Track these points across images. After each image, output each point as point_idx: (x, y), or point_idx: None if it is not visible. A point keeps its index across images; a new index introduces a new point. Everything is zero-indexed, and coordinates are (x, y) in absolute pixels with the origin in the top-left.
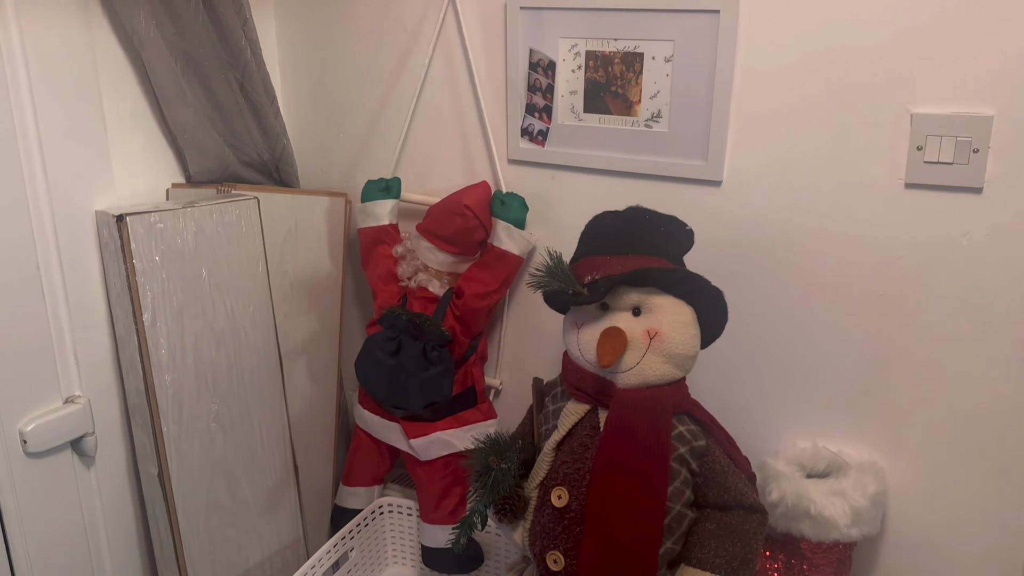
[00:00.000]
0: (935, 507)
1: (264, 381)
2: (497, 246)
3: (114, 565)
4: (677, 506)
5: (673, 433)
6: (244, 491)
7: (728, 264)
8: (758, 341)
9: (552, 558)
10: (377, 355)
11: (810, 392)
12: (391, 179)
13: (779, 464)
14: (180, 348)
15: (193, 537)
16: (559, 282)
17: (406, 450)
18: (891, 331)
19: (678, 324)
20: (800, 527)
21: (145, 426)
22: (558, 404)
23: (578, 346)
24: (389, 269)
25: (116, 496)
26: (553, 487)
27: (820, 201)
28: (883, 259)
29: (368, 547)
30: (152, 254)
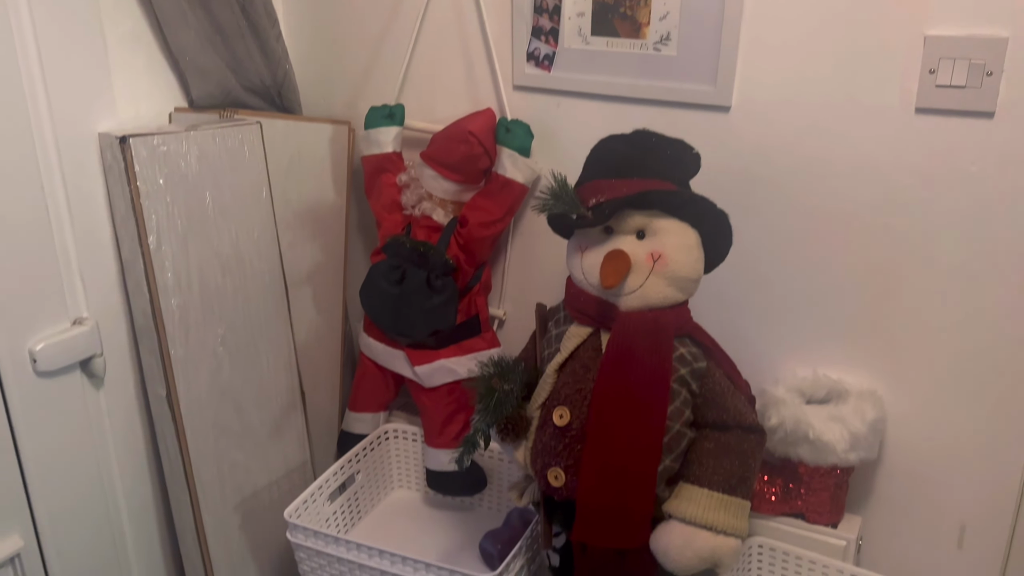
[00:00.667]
0: (932, 436)
1: (270, 308)
2: (502, 174)
3: (124, 485)
4: (676, 425)
5: (674, 355)
6: (251, 415)
7: (733, 192)
8: (761, 270)
9: (553, 474)
10: (381, 284)
11: (812, 321)
12: (394, 106)
13: (779, 391)
14: (186, 273)
15: (202, 459)
16: (564, 205)
17: (411, 377)
18: (895, 261)
19: (682, 247)
20: (798, 451)
21: (153, 349)
22: (561, 328)
23: (581, 269)
24: (393, 198)
25: (125, 417)
26: (555, 407)
27: (829, 128)
28: (890, 187)
29: (374, 471)
30: (156, 177)
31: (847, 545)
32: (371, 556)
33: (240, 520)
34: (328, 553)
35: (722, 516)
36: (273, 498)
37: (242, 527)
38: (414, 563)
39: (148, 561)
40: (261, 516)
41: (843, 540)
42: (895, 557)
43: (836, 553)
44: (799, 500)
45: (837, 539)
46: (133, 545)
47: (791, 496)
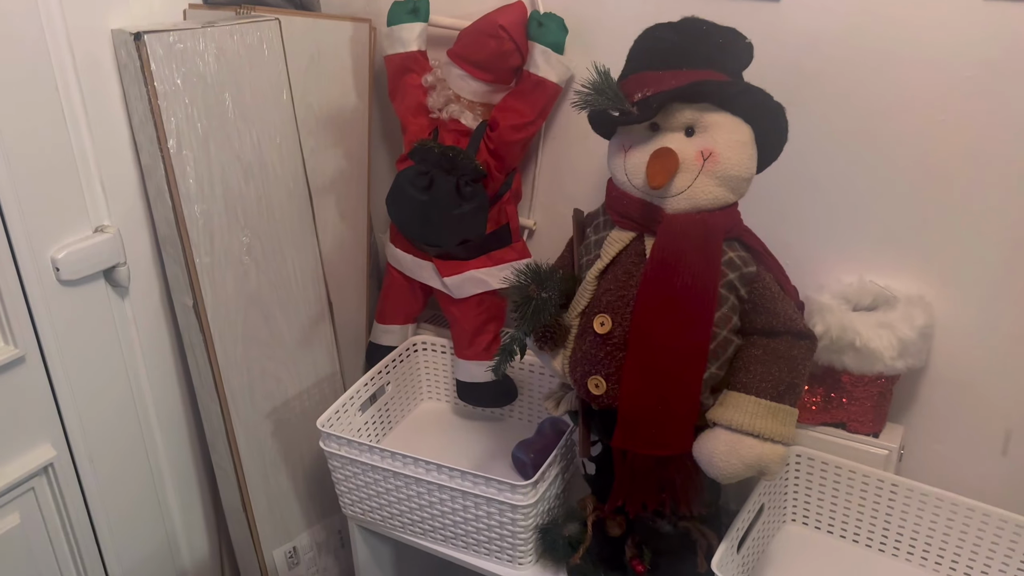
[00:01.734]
0: (980, 342)
1: (294, 216)
2: (534, 73)
3: (154, 393)
4: (723, 332)
5: (723, 259)
6: (279, 324)
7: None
8: (806, 172)
9: (594, 382)
10: (409, 191)
11: (858, 225)
12: (419, 0)
13: (824, 298)
14: (208, 178)
15: (231, 368)
16: (607, 99)
17: (439, 288)
18: (946, 159)
19: (735, 144)
20: (843, 359)
21: (177, 257)
22: (600, 234)
23: (624, 170)
24: (418, 100)
25: (152, 327)
26: (596, 314)
27: (886, 19)
28: (949, 80)
29: (403, 382)
30: (173, 76)
31: (889, 454)
32: (405, 464)
33: (271, 428)
34: (362, 461)
35: (769, 423)
36: (304, 407)
37: (274, 435)
38: (449, 471)
39: (180, 469)
40: (292, 424)
41: (885, 449)
42: (937, 466)
43: (878, 463)
44: (841, 409)
45: (879, 448)
46: (165, 453)
47: (832, 405)
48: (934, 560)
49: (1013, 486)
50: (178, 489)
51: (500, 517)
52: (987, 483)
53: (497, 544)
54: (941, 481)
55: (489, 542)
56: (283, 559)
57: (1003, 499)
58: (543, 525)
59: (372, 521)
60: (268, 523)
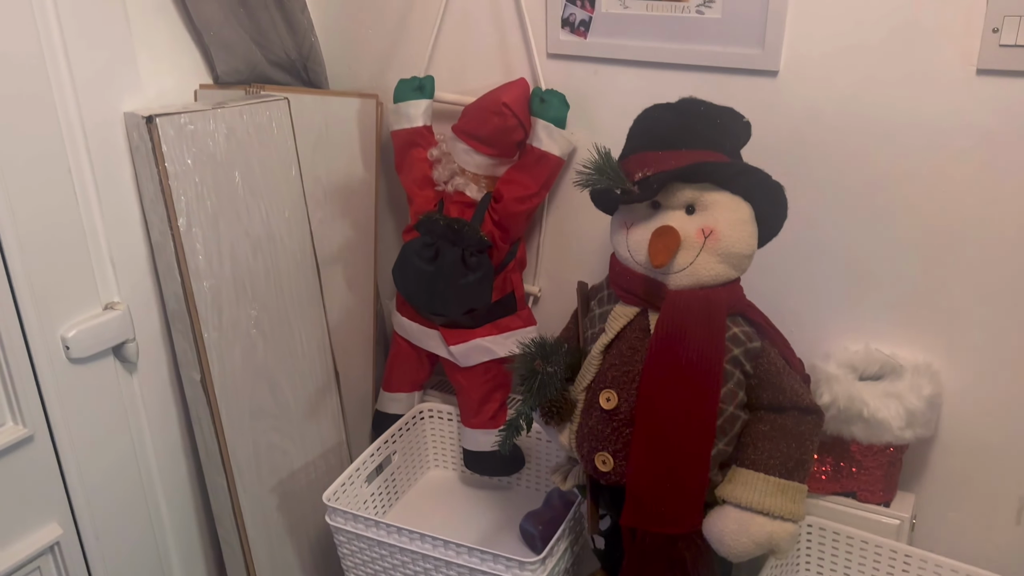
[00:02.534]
0: (991, 410)
1: (302, 287)
2: (537, 147)
3: (161, 469)
4: (730, 408)
5: (727, 334)
6: (286, 396)
7: (783, 160)
8: (812, 240)
9: (601, 459)
10: (415, 262)
11: (864, 293)
12: (424, 78)
13: (830, 367)
14: (217, 254)
15: (237, 441)
16: (608, 179)
17: (446, 356)
18: (953, 228)
19: (735, 222)
20: (852, 430)
21: (186, 332)
22: (605, 307)
23: (627, 247)
24: (424, 173)
25: (160, 402)
26: (602, 389)
27: (883, 91)
28: (948, 151)
29: (410, 451)
30: (184, 157)
31: (901, 524)
32: (412, 539)
33: (277, 501)
34: (368, 536)
35: (779, 501)
36: (310, 479)
37: (279, 508)
38: (456, 547)
39: (186, 545)
40: (298, 497)
41: (897, 519)
42: (951, 535)
43: (889, 532)
44: (851, 479)
45: (890, 518)
46: (171, 529)
47: (842, 475)
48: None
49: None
50: (185, 566)
51: None
52: (1002, 553)
53: None
54: (955, 551)
55: None
56: None
57: (1019, 569)
58: None
59: None
60: None
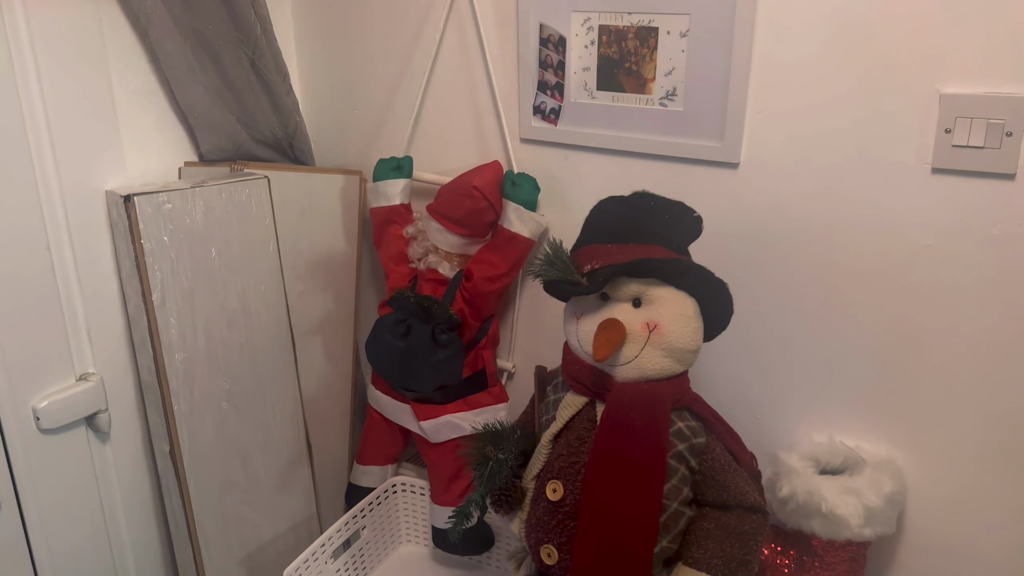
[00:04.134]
0: (959, 509)
1: (277, 360)
2: (507, 228)
3: (132, 540)
4: (674, 504)
5: (672, 429)
6: (257, 469)
7: (745, 250)
8: (776, 331)
9: (546, 552)
10: (387, 337)
11: (829, 385)
12: (403, 158)
13: (792, 459)
14: (191, 328)
15: (206, 513)
16: (558, 271)
17: (417, 431)
18: (915, 323)
19: (679, 317)
20: (811, 524)
21: (157, 404)
22: (558, 394)
23: (577, 337)
24: (400, 249)
25: (132, 472)
26: (549, 480)
27: (842, 186)
28: (908, 248)
29: (381, 525)
30: (161, 234)
31: None
32: None
33: (245, 574)
34: None
35: None
36: (279, 552)
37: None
38: None
39: None
40: (267, 570)
41: None
42: None
43: None
44: (813, 573)
45: None
46: None
47: (805, 568)
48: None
49: None
50: None
51: None
52: None
53: None
54: None
55: None
56: None
57: None
58: None
59: None
60: None
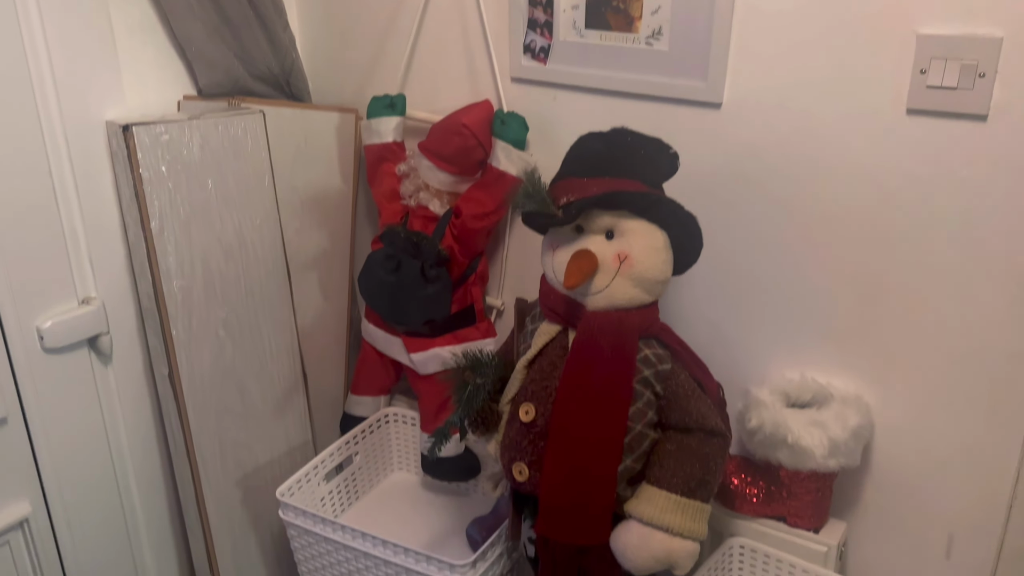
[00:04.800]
0: (922, 444)
1: (273, 293)
2: (496, 167)
3: (134, 457)
4: (638, 426)
5: (639, 356)
6: (254, 396)
7: (723, 191)
8: (751, 271)
9: (518, 469)
10: (378, 272)
11: (801, 323)
12: (396, 96)
13: (762, 393)
14: (188, 257)
15: (204, 436)
16: (535, 203)
17: (407, 363)
18: (886, 264)
19: (649, 249)
20: (778, 455)
21: (156, 330)
22: (535, 324)
23: (552, 268)
24: (392, 187)
25: (134, 395)
26: (522, 403)
27: (820, 128)
28: (881, 189)
29: (373, 453)
30: (158, 164)
31: (828, 551)
32: (353, 537)
33: (241, 495)
34: (315, 532)
35: (679, 518)
36: (275, 475)
37: (243, 502)
38: (394, 547)
39: (157, 531)
40: (262, 493)
41: (824, 546)
42: (880, 566)
43: (817, 559)
44: (781, 503)
45: (819, 544)
46: (143, 515)
47: (773, 498)
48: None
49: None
50: (155, 552)
51: None
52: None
53: None
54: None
55: None
56: None
57: None
58: None
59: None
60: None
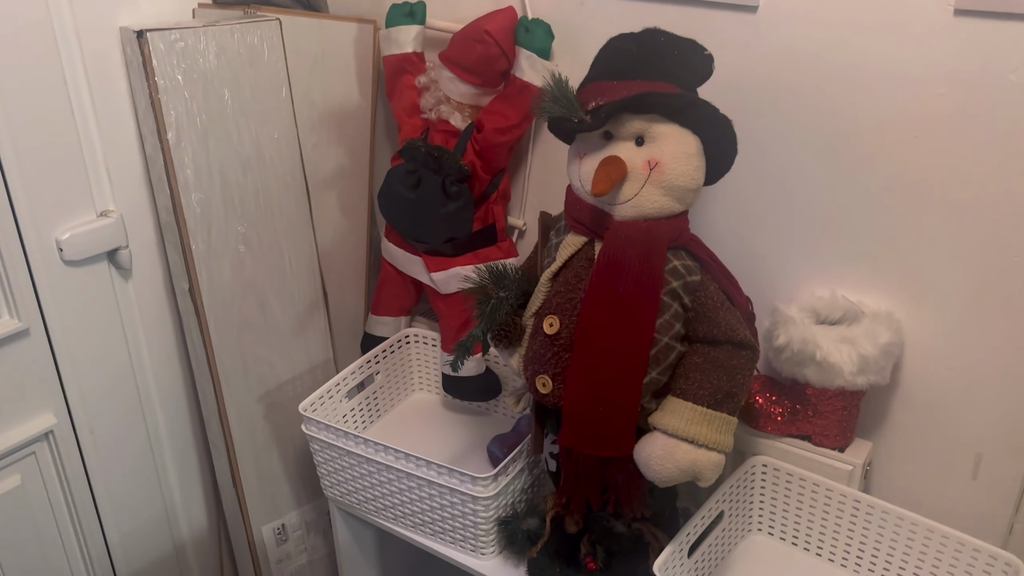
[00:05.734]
0: (953, 363)
1: (292, 209)
2: (519, 77)
3: (155, 370)
4: (664, 338)
5: (667, 267)
6: (275, 312)
7: (756, 99)
8: (783, 184)
9: (541, 381)
10: (398, 188)
11: (833, 239)
12: (415, 3)
13: (791, 310)
14: (206, 169)
15: (225, 351)
16: (561, 107)
17: (427, 283)
18: (923, 176)
19: (681, 155)
20: (805, 372)
21: (175, 243)
22: (560, 237)
23: (579, 177)
24: (412, 100)
25: (155, 307)
26: (546, 315)
27: (860, 32)
28: (921, 97)
29: (394, 372)
30: (174, 72)
31: (853, 470)
32: (376, 451)
33: (264, 410)
34: (338, 446)
35: (704, 430)
36: (296, 392)
37: (266, 417)
38: (416, 460)
39: (179, 443)
40: (284, 408)
41: (849, 465)
42: (905, 485)
43: (842, 478)
44: (806, 422)
45: (843, 463)
46: (165, 427)
47: (798, 417)
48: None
49: (983, 511)
50: (177, 463)
51: (462, 508)
52: (957, 506)
53: (460, 534)
54: (910, 502)
55: (454, 531)
56: (271, 535)
57: (973, 523)
58: (503, 518)
59: (350, 504)
60: (258, 500)
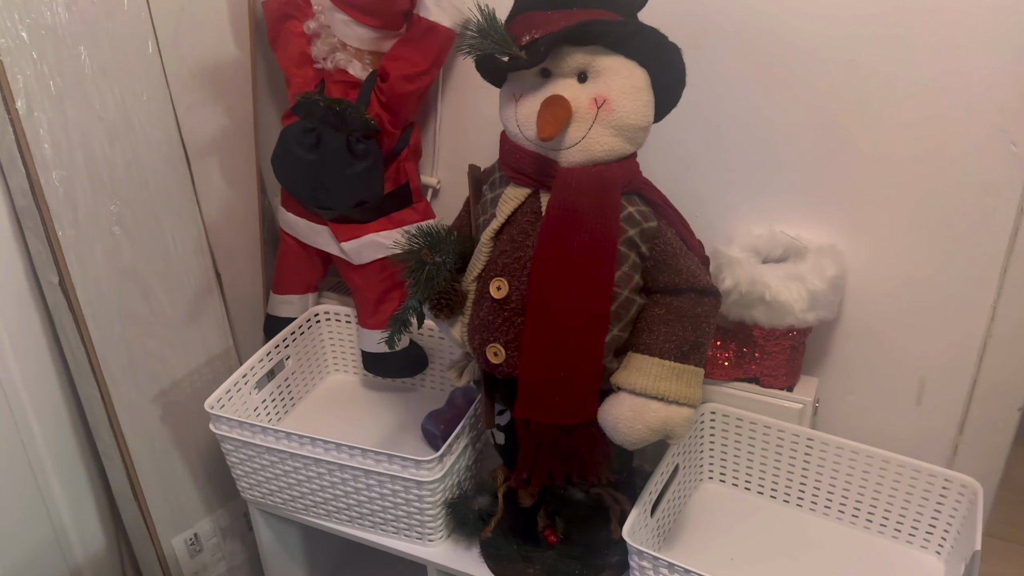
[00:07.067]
0: (892, 290)
1: (170, 182)
2: (424, 17)
3: (26, 381)
4: (624, 292)
5: (622, 214)
6: (160, 300)
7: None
8: (711, 121)
9: (492, 351)
10: (295, 150)
11: (767, 173)
12: None
13: (733, 250)
14: (66, 142)
15: (108, 349)
16: (493, 43)
17: (337, 254)
18: (857, 102)
19: (629, 89)
20: (753, 314)
21: (38, 231)
22: (496, 191)
23: (516, 121)
24: (302, 49)
25: (16, 309)
26: (492, 278)
27: None
28: (857, 18)
29: (305, 356)
30: (17, 29)
31: (803, 408)
32: (302, 444)
33: (160, 411)
34: (256, 444)
35: (674, 385)
36: (195, 388)
37: (163, 418)
38: (349, 449)
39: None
40: (183, 406)
41: (799, 403)
42: (853, 417)
43: (792, 417)
44: (753, 364)
45: (793, 403)
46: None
47: (745, 360)
48: (851, 512)
49: (928, 435)
50: (64, 482)
51: (406, 495)
52: (903, 432)
53: (405, 522)
54: (858, 432)
55: (397, 520)
56: (183, 547)
57: (919, 448)
58: (451, 500)
59: (273, 504)
60: (164, 511)
